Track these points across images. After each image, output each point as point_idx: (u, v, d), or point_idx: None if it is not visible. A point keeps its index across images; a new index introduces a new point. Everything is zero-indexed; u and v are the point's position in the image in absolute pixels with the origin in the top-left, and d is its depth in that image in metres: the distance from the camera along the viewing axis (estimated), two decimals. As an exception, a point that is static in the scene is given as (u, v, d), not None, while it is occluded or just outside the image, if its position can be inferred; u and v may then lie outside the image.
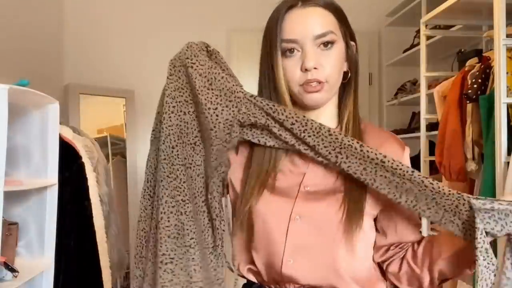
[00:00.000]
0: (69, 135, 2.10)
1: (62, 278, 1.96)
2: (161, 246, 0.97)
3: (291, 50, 0.98)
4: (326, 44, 0.98)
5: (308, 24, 0.97)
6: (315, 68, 0.97)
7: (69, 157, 2.03)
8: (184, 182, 0.97)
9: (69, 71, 3.53)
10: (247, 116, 0.96)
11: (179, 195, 0.97)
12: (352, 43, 1.06)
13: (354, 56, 1.05)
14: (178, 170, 0.97)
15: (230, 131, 0.96)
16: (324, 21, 0.98)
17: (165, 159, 0.97)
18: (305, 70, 0.97)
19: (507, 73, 1.94)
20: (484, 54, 2.28)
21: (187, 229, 0.97)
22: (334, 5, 1.01)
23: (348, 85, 1.06)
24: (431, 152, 2.70)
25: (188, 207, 0.97)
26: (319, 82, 0.98)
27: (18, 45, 2.75)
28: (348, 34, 1.04)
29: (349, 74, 1.05)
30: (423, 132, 2.82)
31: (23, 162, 1.89)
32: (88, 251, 2.05)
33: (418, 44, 3.02)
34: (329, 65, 0.98)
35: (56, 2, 3.49)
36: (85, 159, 2.09)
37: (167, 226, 0.97)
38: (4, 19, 2.60)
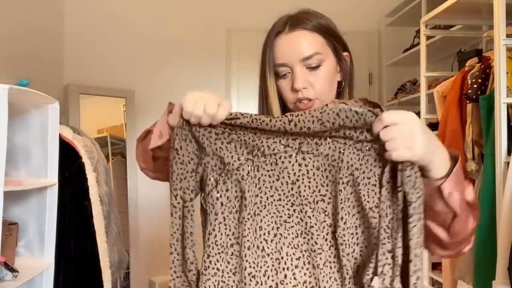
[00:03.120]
0: (69, 135, 2.09)
1: (62, 278, 1.96)
2: None
3: (285, 75, 1.06)
4: (313, 65, 1.04)
5: (295, 48, 1.04)
6: (304, 88, 1.04)
7: (69, 157, 2.03)
8: None
9: (69, 71, 3.53)
10: None
11: None
12: (345, 53, 1.11)
13: (347, 66, 1.11)
14: None
15: None
16: (310, 43, 1.04)
17: None
18: (295, 90, 1.04)
19: (507, 73, 1.94)
20: (484, 54, 2.28)
21: None
22: (321, 24, 1.06)
23: (342, 94, 1.13)
24: (431, 152, 2.70)
25: None
26: (310, 100, 1.05)
27: (18, 45, 2.75)
28: (340, 46, 1.09)
29: (343, 84, 1.12)
30: (423, 132, 2.82)
31: (23, 162, 1.89)
32: (88, 251, 2.05)
33: (418, 44, 3.02)
34: (318, 83, 1.05)
35: (56, 2, 3.49)
36: (85, 159, 2.09)
37: None
38: (4, 19, 2.59)
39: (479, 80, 2.10)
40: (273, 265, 0.93)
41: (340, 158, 0.89)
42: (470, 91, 2.11)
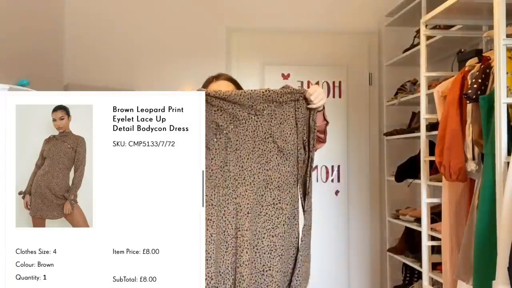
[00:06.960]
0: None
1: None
2: None
3: None
4: None
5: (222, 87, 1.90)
6: None
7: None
8: None
9: (69, 71, 3.53)
10: None
11: None
12: None
13: None
14: None
15: None
16: (228, 87, 1.95)
17: None
18: None
19: (507, 73, 1.94)
20: (484, 54, 2.28)
21: None
22: (233, 79, 2.05)
23: None
24: (431, 152, 2.70)
25: None
26: None
27: (18, 45, 2.75)
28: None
29: None
30: (423, 132, 2.82)
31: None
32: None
33: (418, 44, 3.02)
34: None
35: (56, 3, 3.49)
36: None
37: None
38: (4, 19, 2.60)
39: (479, 80, 2.10)
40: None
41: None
42: (470, 91, 2.11)
